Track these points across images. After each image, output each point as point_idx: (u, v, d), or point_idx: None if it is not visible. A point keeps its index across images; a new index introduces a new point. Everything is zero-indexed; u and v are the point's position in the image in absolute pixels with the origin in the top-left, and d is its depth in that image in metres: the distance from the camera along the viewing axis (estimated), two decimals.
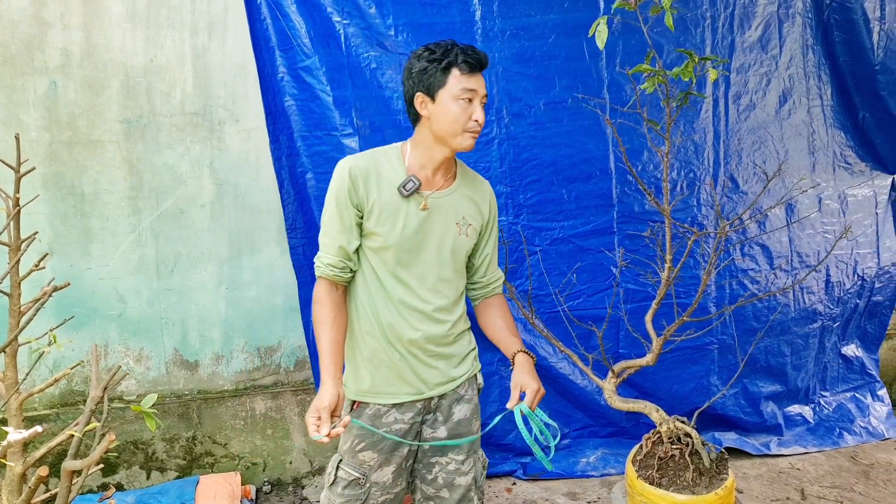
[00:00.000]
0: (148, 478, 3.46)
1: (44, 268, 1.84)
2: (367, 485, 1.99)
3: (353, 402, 2.04)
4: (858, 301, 4.20)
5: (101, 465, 1.85)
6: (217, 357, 3.52)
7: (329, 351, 1.89)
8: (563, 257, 3.58)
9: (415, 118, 1.95)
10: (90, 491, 3.35)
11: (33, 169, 1.96)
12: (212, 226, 3.41)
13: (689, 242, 2.75)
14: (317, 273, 1.97)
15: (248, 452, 3.58)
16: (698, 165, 3.73)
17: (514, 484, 3.59)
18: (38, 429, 1.89)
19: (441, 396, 2.05)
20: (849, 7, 3.82)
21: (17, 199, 1.76)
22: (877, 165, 4.17)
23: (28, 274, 1.78)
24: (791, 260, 3.93)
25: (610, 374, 2.91)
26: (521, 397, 1.92)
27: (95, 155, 3.22)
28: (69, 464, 1.98)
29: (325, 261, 1.94)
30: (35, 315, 1.78)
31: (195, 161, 3.34)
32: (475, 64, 1.87)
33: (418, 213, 1.93)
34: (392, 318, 1.96)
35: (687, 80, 2.53)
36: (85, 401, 3.35)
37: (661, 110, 2.76)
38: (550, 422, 1.94)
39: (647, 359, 2.82)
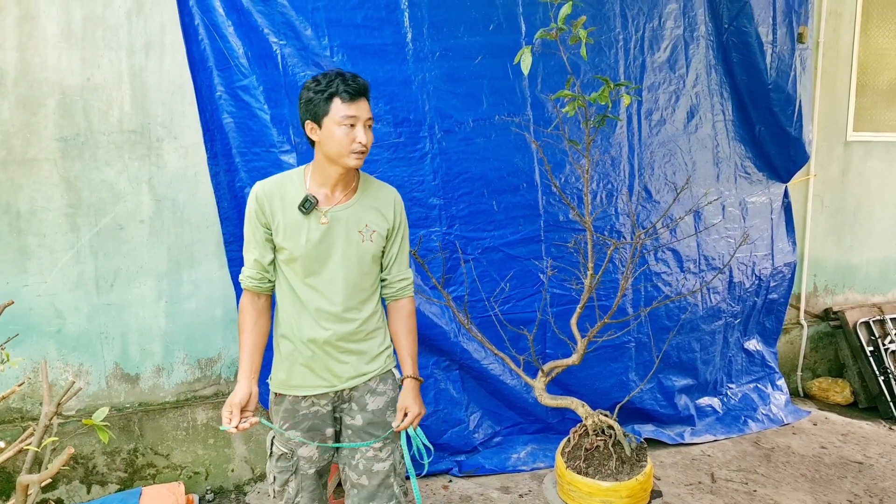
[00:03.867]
0: (88, 492, 3.47)
1: None
2: (295, 458, 2.26)
3: (276, 393, 2.30)
4: (757, 299, 4.59)
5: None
6: (158, 370, 3.57)
7: (247, 353, 2.20)
8: (494, 265, 3.78)
9: (311, 142, 2.17)
10: None
11: None
12: (151, 241, 3.46)
13: (609, 252, 3.00)
14: (241, 285, 2.24)
15: (190, 462, 3.64)
16: (615, 177, 4.01)
17: (451, 481, 3.77)
18: (1, 444, 1.96)
19: (353, 388, 2.28)
20: (744, 31, 4.20)
21: None
22: (772, 175, 4.58)
23: None
24: (699, 263, 4.27)
25: (540, 373, 3.13)
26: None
27: (31, 173, 3.23)
28: (25, 478, 2.04)
29: (245, 273, 2.22)
30: None
31: (134, 178, 3.39)
32: (354, 93, 2.06)
33: (319, 227, 2.14)
34: (304, 320, 2.20)
35: (604, 104, 2.78)
36: (23, 418, 3.35)
37: (580, 128, 3.00)
38: (429, 445, 2.39)
39: (574, 358, 3.06)
